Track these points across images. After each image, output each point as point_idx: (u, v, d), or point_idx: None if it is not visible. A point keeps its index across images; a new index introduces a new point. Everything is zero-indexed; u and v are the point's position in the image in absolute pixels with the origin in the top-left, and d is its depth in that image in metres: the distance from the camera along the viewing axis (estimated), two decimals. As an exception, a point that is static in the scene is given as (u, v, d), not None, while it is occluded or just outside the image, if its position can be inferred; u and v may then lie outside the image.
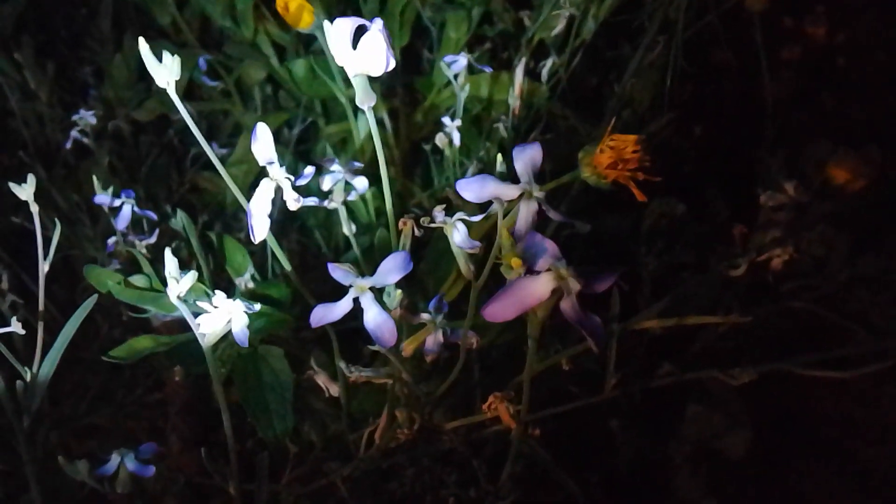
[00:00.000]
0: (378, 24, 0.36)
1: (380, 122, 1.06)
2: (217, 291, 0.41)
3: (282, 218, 0.96)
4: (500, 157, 0.43)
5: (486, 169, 0.85)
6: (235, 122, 1.16)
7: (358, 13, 0.87)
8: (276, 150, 0.98)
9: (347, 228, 0.59)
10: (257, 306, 0.43)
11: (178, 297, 0.39)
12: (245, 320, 0.42)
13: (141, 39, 0.40)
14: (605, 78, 0.98)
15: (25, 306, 0.89)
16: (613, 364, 0.64)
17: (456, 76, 0.77)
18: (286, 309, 0.68)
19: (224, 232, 0.90)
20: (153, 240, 0.78)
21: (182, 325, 0.59)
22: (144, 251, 0.79)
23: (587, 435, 0.92)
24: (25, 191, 0.53)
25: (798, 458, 0.89)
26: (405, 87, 1.02)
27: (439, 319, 0.52)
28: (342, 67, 0.37)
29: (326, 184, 0.55)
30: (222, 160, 1.03)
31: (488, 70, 0.83)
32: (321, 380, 0.58)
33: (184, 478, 0.88)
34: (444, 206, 0.45)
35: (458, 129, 0.73)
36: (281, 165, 0.45)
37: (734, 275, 0.67)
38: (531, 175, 0.41)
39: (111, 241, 0.74)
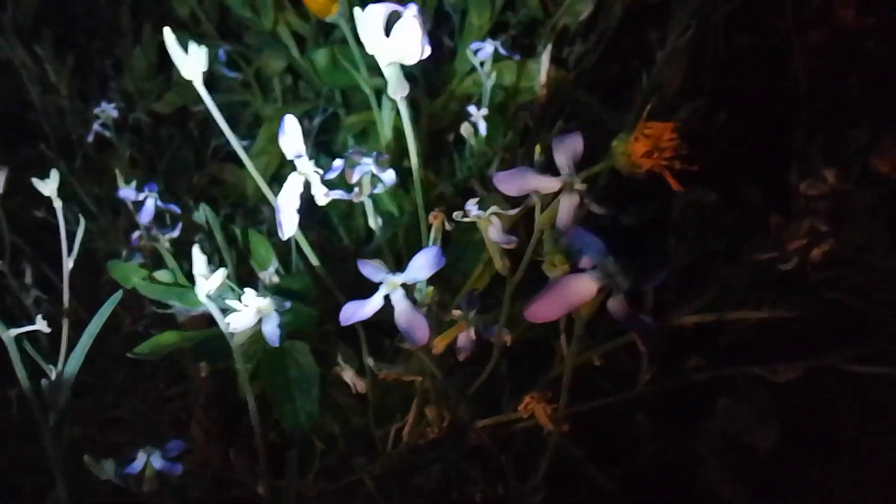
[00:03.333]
0: (413, 9, 0.35)
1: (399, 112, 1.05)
2: (246, 289, 0.40)
3: (303, 210, 0.96)
4: (538, 148, 0.41)
5: (510, 159, 0.84)
6: (255, 114, 1.15)
7: (381, -1, 0.85)
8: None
9: (374, 222, 0.57)
10: (288, 304, 0.42)
11: (207, 296, 0.38)
12: (277, 318, 0.41)
13: (166, 30, 0.39)
14: (630, 65, 0.96)
15: (49, 301, 0.89)
16: (647, 359, 0.63)
17: (482, 63, 0.76)
18: (311, 303, 0.67)
19: (246, 224, 0.89)
20: (176, 233, 0.77)
21: (208, 320, 0.58)
22: (168, 245, 0.78)
23: (614, 428, 0.90)
24: (48, 186, 0.52)
25: (828, 453, 0.87)
26: (425, 75, 1.01)
27: (471, 316, 0.51)
28: (365, 56, 0.36)
29: (354, 176, 0.53)
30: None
31: (517, 57, 0.81)
32: (348, 376, 0.57)
33: (209, 471, 0.88)
34: (476, 199, 0.44)
35: (484, 117, 0.72)
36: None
37: (783, 268, 0.64)
38: (572, 166, 0.40)
39: (135, 235, 0.74)
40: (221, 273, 0.38)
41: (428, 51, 0.35)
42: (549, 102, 0.89)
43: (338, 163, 0.47)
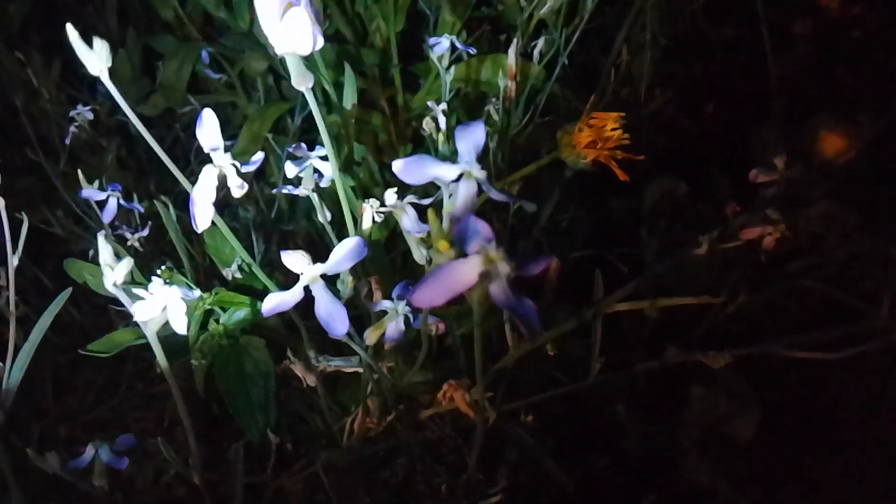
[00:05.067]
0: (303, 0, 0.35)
1: (379, 109, 1.05)
2: (154, 278, 0.41)
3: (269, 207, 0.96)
4: (441, 136, 0.41)
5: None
6: (244, 115, 1.16)
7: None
8: (279, 140, 0.98)
9: (322, 216, 0.58)
10: (196, 292, 0.42)
11: (115, 285, 0.39)
12: (182, 307, 0.41)
13: (69, 25, 0.40)
14: (602, 57, 0.96)
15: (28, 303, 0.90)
16: (599, 349, 0.62)
17: (441, 59, 0.76)
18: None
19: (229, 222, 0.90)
20: (146, 233, 0.78)
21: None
22: (137, 244, 0.79)
23: (595, 420, 0.90)
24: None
25: (808, 440, 0.87)
26: (403, 74, 1.01)
27: (401, 307, 0.51)
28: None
29: (290, 171, 0.54)
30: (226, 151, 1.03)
31: (472, 51, 0.81)
32: (298, 370, 0.58)
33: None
34: (395, 189, 0.44)
35: (445, 112, 0.72)
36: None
37: (727, 253, 0.64)
38: (473, 155, 0.40)
39: (101, 234, 0.74)
40: (128, 262, 0.38)
41: (320, 42, 0.36)
42: (521, 96, 0.88)
43: (257, 156, 0.47)
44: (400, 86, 1.00)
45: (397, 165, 0.39)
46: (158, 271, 0.62)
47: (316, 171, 0.55)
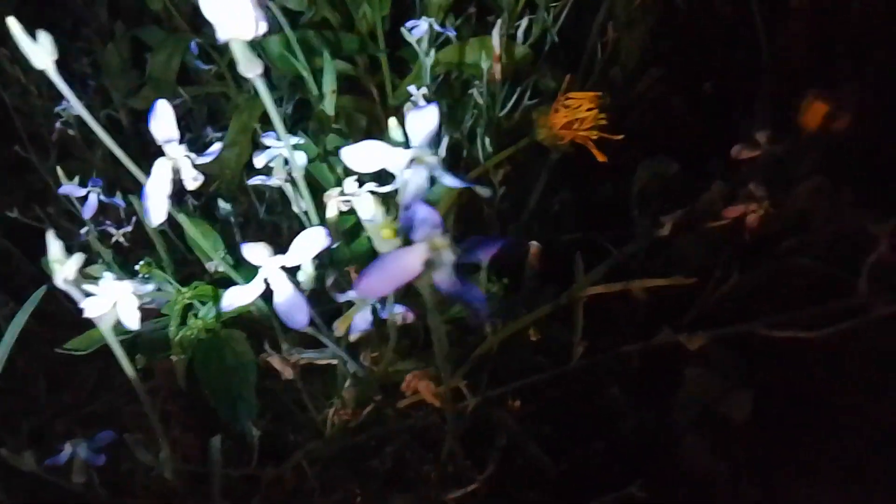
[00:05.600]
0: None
1: (367, 95, 1.04)
2: (105, 273, 0.40)
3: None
4: (393, 120, 0.40)
5: (461, 139, 0.83)
6: (234, 105, 1.15)
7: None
8: (268, 130, 0.97)
9: (297, 206, 0.57)
10: (149, 287, 0.41)
11: (66, 281, 0.38)
12: (134, 302, 0.40)
13: (11, 19, 0.39)
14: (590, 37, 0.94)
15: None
16: (582, 332, 0.62)
17: (420, 42, 0.75)
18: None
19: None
20: (130, 228, 0.78)
21: (147, 314, 0.58)
22: (122, 239, 0.79)
23: (587, 404, 0.90)
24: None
25: (805, 419, 0.86)
26: (392, 59, 1.00)
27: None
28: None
29: (260, 161, 0.53)
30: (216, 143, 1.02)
31: (452, 33, 0.80)
32: (275, 362, 0.57)
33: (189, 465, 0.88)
34: (355, 177, 0.43)
35: (426, 97, 0.71)
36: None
37: (716, 233, 0.63)
38: (425, 140, 0.39)
39: (83, 230, 0.74)
40: (78, 258, 0.38)
41: (263, 28, 0.35)
42: (507, 80, 0.87)
43: (215, 147, 0.46)
44: (388, 71, 0.99)
45: (346, 152, 0.39)
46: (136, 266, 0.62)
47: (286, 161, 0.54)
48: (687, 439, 0.88)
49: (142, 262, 0.62)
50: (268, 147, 0.55)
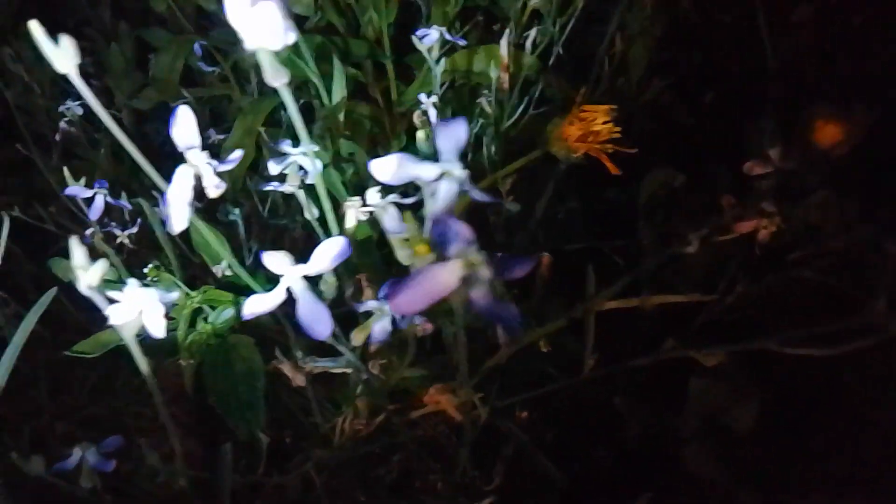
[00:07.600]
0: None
1: (373, 102, 1.04)
2: (131, 280, 0.40)
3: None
4: (421, 134, 0.40)
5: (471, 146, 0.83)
6: (238, 108, 1.15)
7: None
8: (272, 133, 0.97)
9: (309, 213, 0.57)
10: (174, 295, 0.41)
11: (89, 287, 0.38)
12: (160, 310, 0.40)
13: (33, 22, 0.39)
14: (598, 46, 0.94)
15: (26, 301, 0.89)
16: (593, 344, 0.62)
17: (430, 50, 0.75)
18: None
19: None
20: (135, 229, 0.77)
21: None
22: (127, 241, 0.78)
23: (594, 415, 0.90)
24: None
25: (809, 429, 0.86)
26: (399, 66, 1.00)
27: (387, 307, 0.50)
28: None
29: (273, 168, 0.53)
30: (220, 145, 1.02)
31: (462, 42, 0.80)
32: (286, 370, 0.57)
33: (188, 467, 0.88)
34: (378, 187, 0.43)
35: (436, 105, 0.71)
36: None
37: (724, 246, 0.64)
38: (455, 153, 0.39)
39: (88, 231, 0.74)
40: (102, 264, 0.37)
41: (292, 38, 0.35)
42: (515, 88, 0.87)
43: (235, 155, 0.46)
44: (394, 78, 0.99)
45: (374, 165, 0.38)
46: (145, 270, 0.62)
47: (301, 167, 0.54)
48: (692, 449, 0.88)
49: (150, 266, 0.62)
50: (282, 153, 0.55)
